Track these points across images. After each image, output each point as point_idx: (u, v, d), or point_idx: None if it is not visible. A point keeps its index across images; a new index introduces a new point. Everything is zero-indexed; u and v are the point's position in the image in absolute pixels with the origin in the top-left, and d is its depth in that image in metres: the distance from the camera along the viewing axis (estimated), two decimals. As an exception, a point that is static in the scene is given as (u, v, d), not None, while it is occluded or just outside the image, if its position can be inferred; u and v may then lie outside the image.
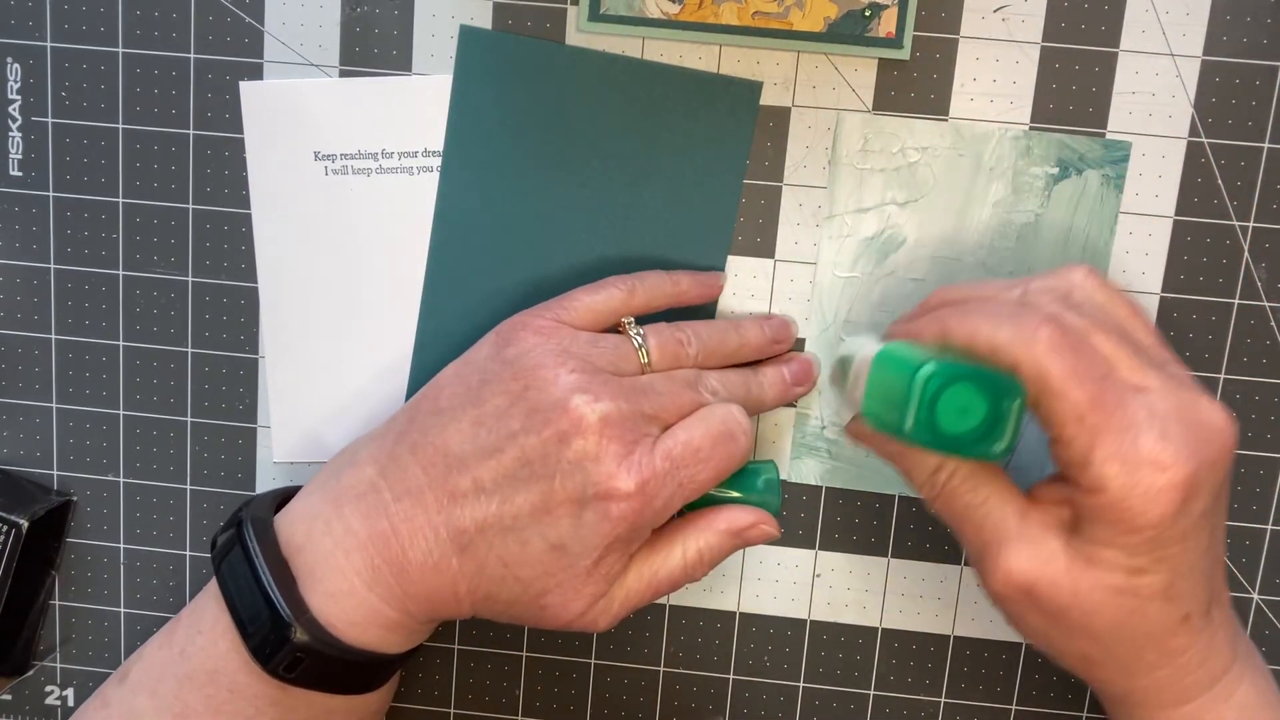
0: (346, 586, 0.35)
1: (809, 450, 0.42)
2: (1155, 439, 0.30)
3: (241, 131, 0.42)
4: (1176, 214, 0.40)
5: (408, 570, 0.35)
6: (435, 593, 0.35)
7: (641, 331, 0.37)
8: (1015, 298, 0.34)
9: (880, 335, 0.36)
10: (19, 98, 0.42)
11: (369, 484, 0.36)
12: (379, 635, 0.36)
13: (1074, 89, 0.39)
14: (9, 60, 0.42)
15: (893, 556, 0.43)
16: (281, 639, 0.34)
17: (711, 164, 0.40)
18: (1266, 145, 0.39)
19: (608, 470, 0.34)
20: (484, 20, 0.40)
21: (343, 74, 0.41)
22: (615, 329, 0.38)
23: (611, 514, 0.34)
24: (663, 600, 0.44)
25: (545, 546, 0.34)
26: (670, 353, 0.37)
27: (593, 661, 0.44)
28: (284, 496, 0.39)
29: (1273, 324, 0.40)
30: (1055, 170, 0.40)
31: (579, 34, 0.40)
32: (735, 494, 0.38)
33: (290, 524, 0.36)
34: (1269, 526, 0.41)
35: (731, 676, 0.44)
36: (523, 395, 0.35)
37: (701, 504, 0.37)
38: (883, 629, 0.43)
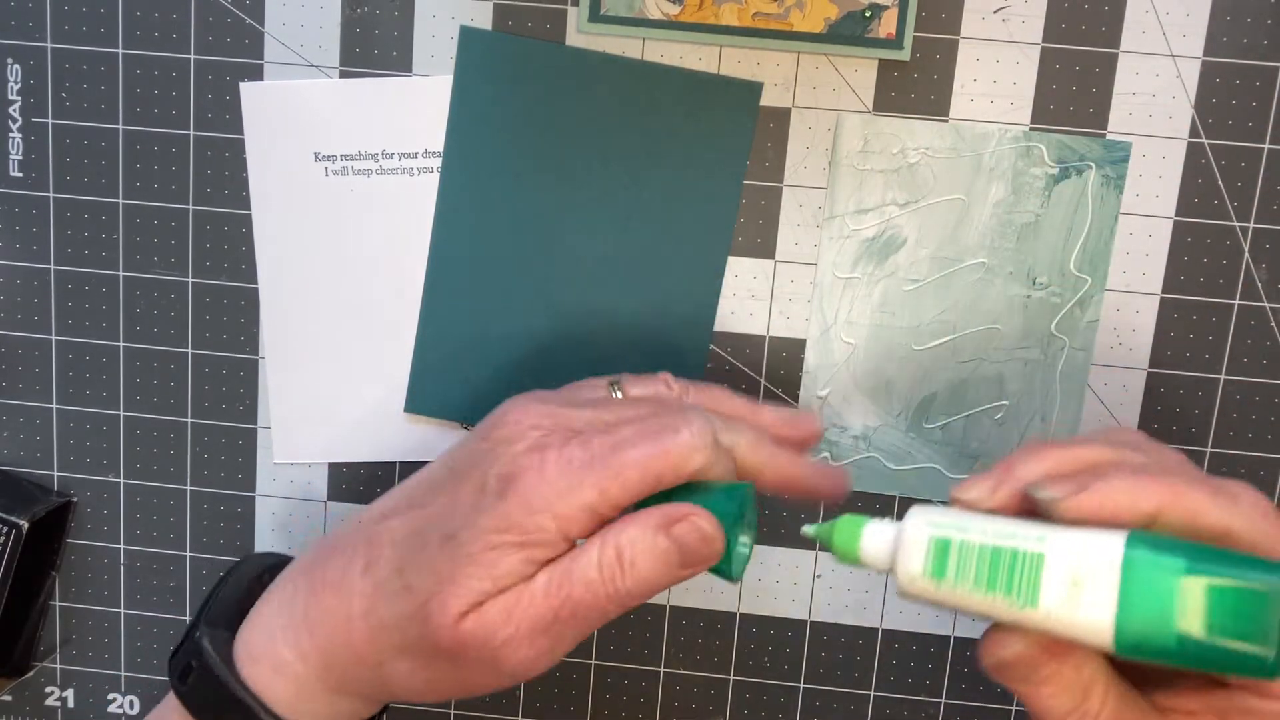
0: (264, 637, 0.33)
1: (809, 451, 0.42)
2: None
3: (242, 132, 0.42)
4: (1176, 214, 0.40)
5: (315, 591, 0.33)
6: (330, 615, 0.32)
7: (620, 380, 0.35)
8: (1121, 456, 0.29)
9: (951, 503, 0.29)
10: (19, 98, 0.42)
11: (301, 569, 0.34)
12: (276, 683, 0.33)
13: (1074, 89, 0.39)
14: (9, 61, 0.42)
15: (893, 557, 0.43)
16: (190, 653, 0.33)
17: (712, 164, 0.40)
18: (1266, 146, 0.39)
19: (516, 450, 0.31)
20: (484, 21, 0.40)
21: (343, 75, 0.41)
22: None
23: (506, 491, 0.30)
24: (663, 600, 0.44)
25: (438, 540, 0.31)
26: (650, 389, 0.34)
27: (593, 662, 0.44)
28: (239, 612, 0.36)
29: (1273, 324, 0.40)
30: (1055, 170, 0.40)
31: (579, 35, 0.40)
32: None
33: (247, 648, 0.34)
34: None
35: (731, 677, 0.44)
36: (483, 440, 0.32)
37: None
38: (883, 629, 0.43)
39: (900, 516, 0.28)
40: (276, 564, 0.37)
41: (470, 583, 0.30)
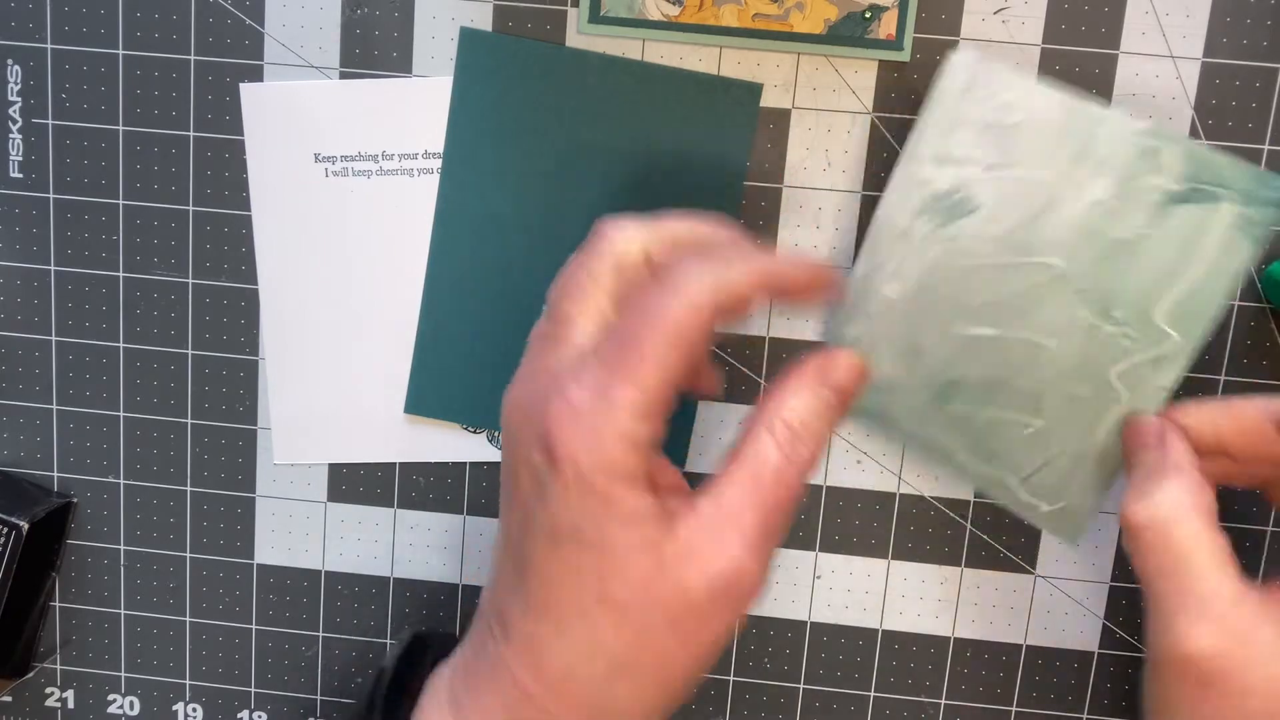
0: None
1: (809, 452, 0.42)
2: None
3: (242, 133, 0.42)
4: (1176, 215, 0.40)
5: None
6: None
7: None
8: None
9: None
10: (19, 99, 0.42)
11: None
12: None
13: (1075, 91, 0.39)
14: (9, 62, 0.42)
15: (893, 558, 0.43)
16: None
17: (712, 166, 0.40)
18: (1266, 147, 0.39)
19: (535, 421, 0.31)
20: (484, 22, 0.40)
21: (343, 76, 0.41)
22: None
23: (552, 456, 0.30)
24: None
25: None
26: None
27: (593, 663, 0.44)
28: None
29: (1272, 324, 0.40)
30: (1181, 189, 0.33)
31: (579, 36, 0.40)
32: None
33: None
34: (1269, 528, 0.41)
35: (731, 677, 0.44)
36: None
37: None
38: (883, 630, 0.43)
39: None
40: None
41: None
